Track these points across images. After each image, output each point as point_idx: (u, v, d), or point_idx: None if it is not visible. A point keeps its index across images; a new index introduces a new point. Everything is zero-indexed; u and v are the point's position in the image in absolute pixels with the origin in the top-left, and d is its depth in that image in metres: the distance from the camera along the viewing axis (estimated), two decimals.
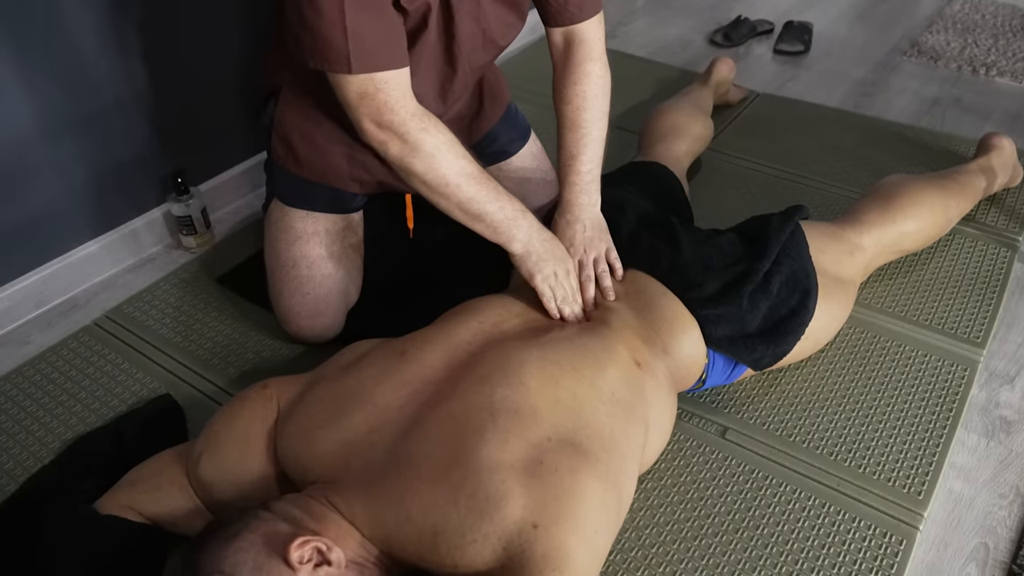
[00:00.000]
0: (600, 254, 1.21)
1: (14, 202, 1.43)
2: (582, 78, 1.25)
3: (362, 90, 1.06)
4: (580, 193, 1.24)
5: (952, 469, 1.21)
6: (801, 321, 1.21)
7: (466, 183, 1.12)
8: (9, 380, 1.38)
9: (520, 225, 1.16)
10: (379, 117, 1.08)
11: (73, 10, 1.37)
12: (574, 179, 1.24)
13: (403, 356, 1.01)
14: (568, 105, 1.26)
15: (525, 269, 1.16)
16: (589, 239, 1.21)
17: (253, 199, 1.81)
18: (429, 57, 1.18)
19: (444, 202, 1.13)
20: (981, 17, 2.62)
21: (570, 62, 1.26)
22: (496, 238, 1.16)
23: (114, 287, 1.59)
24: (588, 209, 1.24)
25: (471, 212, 1.13)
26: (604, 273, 1.20)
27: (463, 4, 1.14)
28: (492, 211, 1.13)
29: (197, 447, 1.03)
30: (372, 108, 1.07)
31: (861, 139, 1.98)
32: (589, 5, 1.24)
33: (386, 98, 1.07)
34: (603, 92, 1.27)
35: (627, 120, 2.06)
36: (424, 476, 0.86)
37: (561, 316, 1.14)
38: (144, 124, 1.57)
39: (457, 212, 1.14)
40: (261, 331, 1.46)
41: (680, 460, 1.20)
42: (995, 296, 1.49)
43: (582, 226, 1.22)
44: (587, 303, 1.18)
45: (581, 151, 1.24)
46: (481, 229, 1.15)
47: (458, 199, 1.12)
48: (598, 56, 1.27)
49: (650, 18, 2.72)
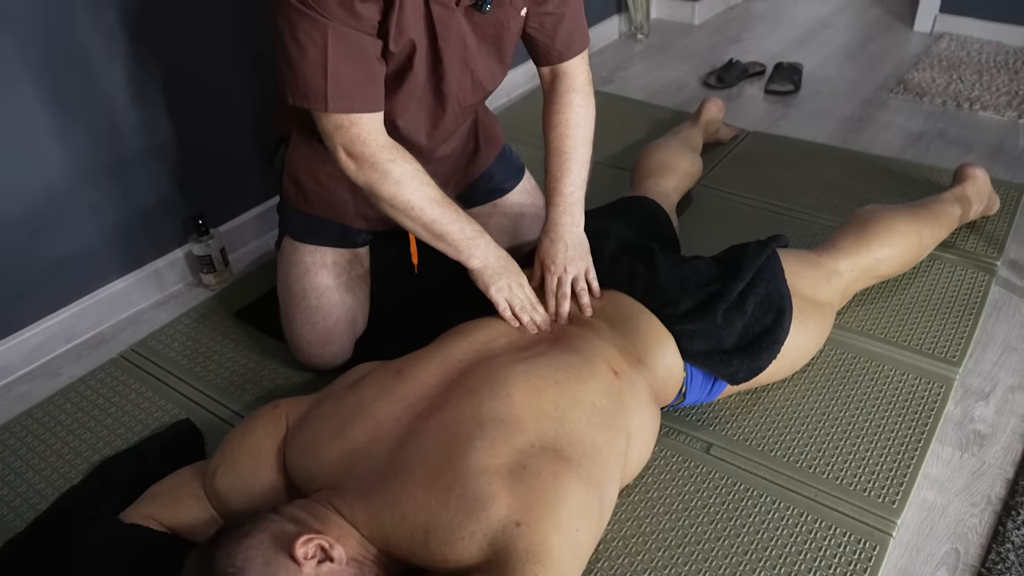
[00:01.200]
0: (579, 273, 1.30)
1: (48, 243, 1.55)
2: (565, 107, 1.35)
3: (337, 123, 1.15)
4: (563, 214, 1.33)
5: (926, 480, 1.27)
6: (776, 339, 1.28)
7: (429, 207, 1.21)
8: (41, 408, 1.48)
9: (478, 243, 1.25)
10: (351, 148, 1.17)
11: (105, 69, 1.51)
12: (557, 200, 1.34)
13: (400, 374, 1.10)
14: (552, 132, 1.36)
15: (482, 282, 1.26)
16: (570, 258, 1.30)
17: (268, 239, 1.92)
18: (418, 96, 1.27)
19: (410, 223, 1.23)
20: (966, 54, 2.72)
21: (555, 92, 1.37)
22: (457, 256, 1.26)
23: (139, 322, 1.70)
24: (571, 229, 1.33)
25: (434, 232, 1.23)
26: (583, 291, 1.29)
27: (451, 47, 1.23)
28: (453, 231, 1.23)
29: (213, 462, 1.12)
30: (346, 139, 1.16)
31: (847, 172, 2.06)
32: (574, 46, 1.35)
33: (359, 131, 1.16)
34: (585, 120, 1.37)
35: (622, 159, 2.16)
36: (418, 480, 0.95)
37: (521, 323, 1.24)
38: (168, 171, 1.70)
39: (422, 232, 1.23)
40: (274, 360, 1.55)
41: (666, 474, 1.27)
42: (972, 317, 1.56)
43: (564, 245, 1.31)
44: (560, 317, 1.27)
45: (564, 174, 1.34)
46: (444, 247, 1.25)
47: (423, 220, 1.21)
48: (580, 87, 1.37)
49: (647, 62, 2.84)
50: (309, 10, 1.07)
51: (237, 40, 1.72)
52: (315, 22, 1.08)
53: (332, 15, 1.07)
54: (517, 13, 1.26)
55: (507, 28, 1.27)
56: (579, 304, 1.28)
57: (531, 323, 1.25)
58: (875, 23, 3.07)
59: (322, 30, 1.08)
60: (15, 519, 1.27)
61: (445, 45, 1.21)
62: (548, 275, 1.31)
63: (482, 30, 1.25)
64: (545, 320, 1.26)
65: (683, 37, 3.05)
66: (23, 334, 1.57)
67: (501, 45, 1.30)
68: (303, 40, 1.09)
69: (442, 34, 1.19)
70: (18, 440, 1.41)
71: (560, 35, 1.32)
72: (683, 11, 3.16)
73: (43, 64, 1.42)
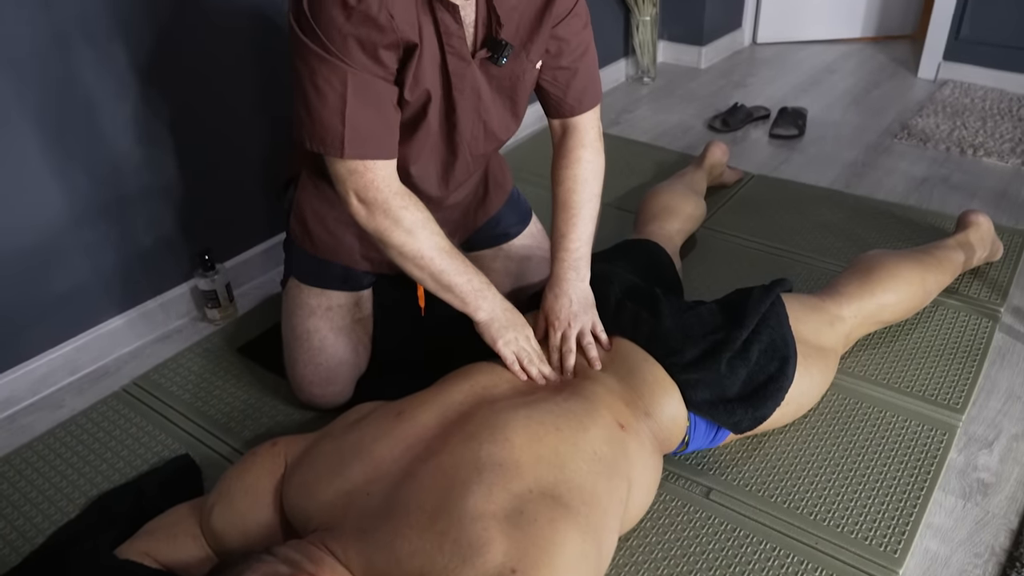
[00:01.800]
0: (585, 327, 1.29)
1: (56, 276, 1.56)
2: (574, 163, 1.35)
3: (352, 168, 1.15)
4: (568, 269, 1.33)
5: (929, 529, 1.26)
6: (780, 387, 1.28)
7: (439, 257, 1.21)
8: (42, 441, 1.48)
9: (486, 296, 1.25)
10: (363, 193, 1.17)
11: (117, 109, 1.54)
12: (563, 256, 1.33)
13: (400, 416, 1.10)
14: (560, 187, 1.36)
15: (489, 335, 1.26)
16: (575, 313, 1.30)
17: (273, 275, 1.94)
18: (431, 144, 1.28)
19: (418, 272, 1.22)
20: (970, 101, 2.75)
21: (564, 147, 1.36)
22: (463, 307, 1.25)
23: (143, 356, 1.71)
24: (576, 284, 1.32)
25: (442, 283, 1.23)
26: (590, 344, 1.27)
27: (465, 97, 1.23)
28: (461, 283, 1.23)
29: (210, 499, 1.11)
30: (359, 184, 1.16)
31: (850, 216, 2.07)
32: (587, 101, 1.34)
33: (373, 177, 1.16)
34: (594, 176, 1.36)
35: (627, 201, 2.18)
36: (413, 523, 0.94)
37: (529, 376, 1.23)
38: (175, 207, 1.72)
39: (429, 282, 1.23)
40: (275, 397, 1.55)
41: (665, 519, 1.26)
42: (975, 364, 1.55)
43: (568, 300, 1.31)
44: (566, 372, 1.26)
45: (570, 230, 1.34)
46: (450, 299, 1.25)
47: (431, 270, 1.21)
48: (590, 143, 1.36)
49: (653, 105, 2.88)
50: (331, 56, 1.07)
51: (244, 80, 1.75)
52: (335, 68, 1.08)
53: (353, 62, 1.08)
54: (532, 66, 1.26)
55: (521, 80, 1.27)
56: (587, 358, 1.26)
57: (539, 375, 1.24)
58: (879, 70, 3.10)
59: (342, 76, 1.09)
60: (11, 553, 1.26)
61: (459, 96, 1.22)
62: (552, 330, 1.30)
63: (497, 82, 1.26)
64: (552, 374, 1.25)
65: (689, 81, 3.09)
66: (27, 366, 1.58)
67: (515, 96, 1.30)
68: (322, 85, 1.10)
69: (457, 85, 1.20)
70: (17, 473, 1.41)
71: (573, 90, 1.31)
72: (689, 55, 3.21)
73: (57, 103, 1.45)
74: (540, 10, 1.20)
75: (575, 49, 1.28)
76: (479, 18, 1.17)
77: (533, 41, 1.22)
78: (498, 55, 1.18)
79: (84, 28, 1.44)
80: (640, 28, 2.96)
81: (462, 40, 1.16)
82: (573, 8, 1.24)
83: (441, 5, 1.12)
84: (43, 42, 1.40)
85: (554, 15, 1.22)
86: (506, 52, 1.18)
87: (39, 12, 1.38)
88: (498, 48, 1.18)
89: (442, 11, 1.12)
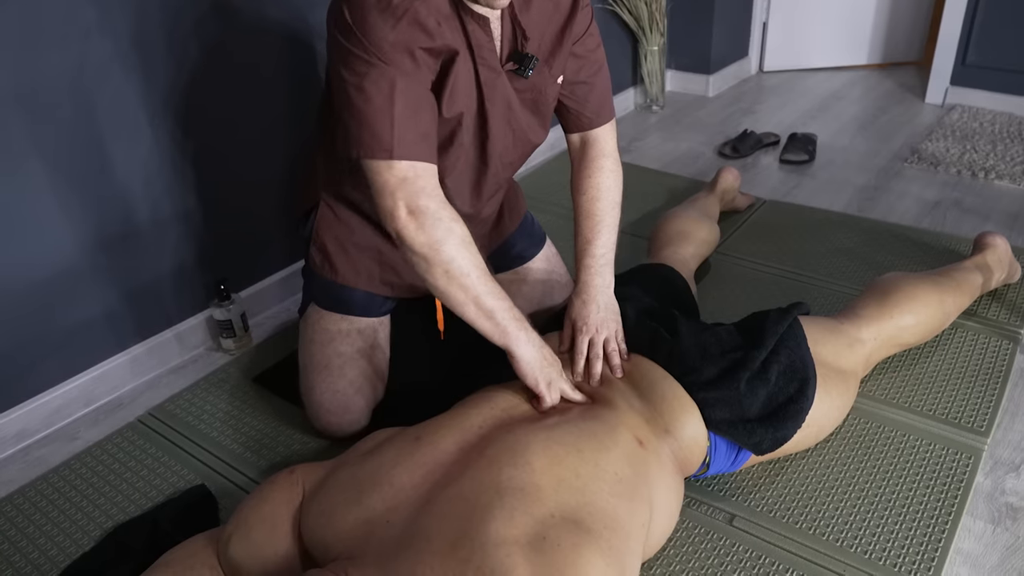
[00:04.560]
0: (611, 334, 1.30)
1: (71, 307, 1.57)
2: (595, 172, 1.39)
3: (403, 175, 1.11)
4: (595, 275, 1.34)
5: (959, 555, 1.23)
6: (800, 408, 1.26)
7: (482, 279, 1.15)
8: (57, 473, 1.47)
9: (524, 326, 1.19)
10: (415, 201, 1.11)
11: (134, 142, 1.56)
12: (589, 262, 1.35)
13: (418, 441, 1.09)
14: (583, 196, 1.38)
15: (531, 376, 1.18)
16: (602, 319, 1.30)
17: (289, 304, 1.94)
18: (465, 155, 1.30)
19: (461, 294, 1.14)
20: (979, 125, 2.75)
21: (585, 158, 1.40)
22: (503, 337, 1.17)
23: (158, 386, 1.71)
24: (603, 290, 1.33)
25: (484, 307, 1.15)
26: (613, 352, 1.28)
27: (496, 107, 1.26)
28: (503, 309, 1.16)
29: (227, 529, 1.10)
30: (410, 192, 1.11)
31: (864, 240, 2.07)
32: (603, 114, 1.39)
33: (424, 184, 1.12)
34: (615, 184, 1.40)
35: (640, 227, 2.18)
36: (435, 550, 0.92)
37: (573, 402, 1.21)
38: (191, 237, 1.73)
39: (471, 307, 1.15)
40: (292, 427, 1.54)
41: (688, 546, 1.24)
42: (998, 387, 1.53)
43: (596, 306, 1.31)
44: (593, 379, 1.26)
45: (595, 236, 1.36)
46: (486, 326, 1.16)
47: (475, 292, 1.13)
48: (610, 152, 1.41)
49: (663, 133, 2.90)
50: (373, 58, 1.08)
51: (258, 114, 1.77)
52: (382, 71, 1.08)
53: (393, 62, 1.08)
54: (554, 80, 1.31)
55: (543, 93, 1.31)
56: (610, 365, 1.27)
57: (583, 398, 1.21)
58: (887, 95, 3.12)
59: (391, 79, 1.08)
60: None
61: (491, 107, 1.25)
62: (580, 336, 1.30)
63: (521, 95, 1.29)
64: (583, 398, 1.22)
65: (697, 109, 3.10)
66: (42, 397, 1.57)
67: (539, 109, 1.34)
68: (370, 89, 1.09)
69: (489, 96, 1.24)
70: (32, 505, 1.40)
71: (591, 103, 1.37)
72: (697, 84, 3.23)
73: (73, 138, 1.47)
74: (561, 27, 1.25)
75: (591, 65, 1.34)
76: (505, 32, 1.21)
77: (555, 56, 1.27)
78: (524, 67, 1.22)
79: (101, 66, 1.47)
80: (648, 57, 2.99)
81: (492, 52, 1.20)
82: (588, 28, 1.30)
83: (472, 19, 1.15)
84: (61, 78, 1.42)
85: (574, 33, 1.27)
86: (532, 64, 1.22)
87: (63, 50, 1.40)
88: (524, 61, 1.22)
89: (472, 24, 1.16)
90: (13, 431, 1.54)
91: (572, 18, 1.26)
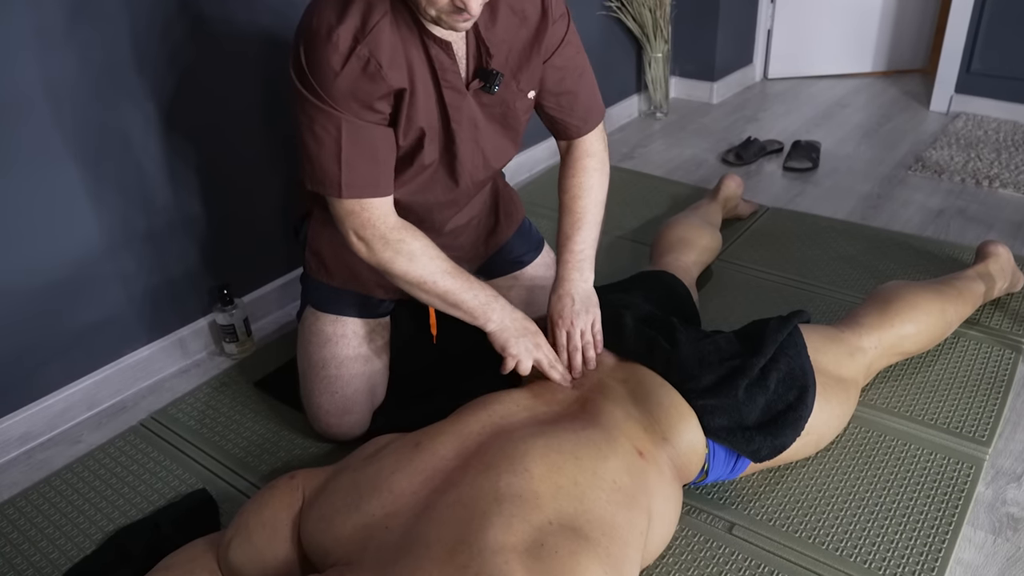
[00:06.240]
0: (586, 326, 1.33)
1: (75, 312, 1.58)
2: (579, 171, 1.41)
3: (349, 208, 1.21)
4: (572, 270, 1.36)
5: (959, 566, 1.23)
6: (799, 416, 1.26)
7: (442, 279, 1.26)
8: (59, 476, 1.48)
9: (493, 307, 1.29)
10: (361, 231, 1.23)
11: (143, 151, 1.57)
12: (567, 257, 1.37)
13: (418, 447, 1.10)
14: (566, 194, 1.41)
15: (499, 344, 1.29)
16: (577, 312, 1.33)
17: (290, 309, 1.94)
18: (431, 173, 1.32)
19: (425, 296, 1.27)
20: (984, 133, 2.75)
21: (570, 158, 1.43)
22: (474, 321, 1.29)
23: (161, 390, 1.72)
24: (579, 284, 1.36)
25: (449, 302, 1.27)
26: (588, 344, 1.32)
27: (463, 128, 1.28)
28: (468, 299, 1.27)
29: (228, 533, 1.10)
30: (356, 223, 1.22)
31: (867, 248, 2.07)
32: (592, 119, 1.41)
33: (369, 216, 1.22)
34: (599, 184, 1.42)
35: (642, 233, 2.18)
36: (433, 557, 0.93)
37: (550, 379, 1.27)
38: (195, 243, 1.74)
39: (438, 303, 1.28)
40: (292, 431, 1.55)
41: (687, 555, 1.24)
42: (1000, 396, 1.53)
43: (571, 300, 1.34)
44: (575, 369, 1.30)
45: (575, 232, 1.38)
46: (460, 315, 1.29)
47: (437, 292, 1.26)
48: (595, 152, 1.42)
49: (666, 140, 2.90)
50: (325, 105, 1.14)
51: (265, 125, 1.78)
52: (330, 116, 1.15)
53: (347, 110, 1.15)
54: (523, 95, 1.32)
55: (512, 108, 1.32)
56: (584, 357, 1.31)
57: (561, 378, 1.29)
58: (891, 103, 3.12)
59: (337, 123, 1.15)
60: None
61: (458, 127, 1.27)
62: (558, 330, 1.34)
63: (489, 110, 1.30)
64: (568, 374, 1.30)
65: (701, 116, 3.11)
66: (45, 401, 1.58)
67: (508, 123, 1.35)
68: (320, 133, 1.16)
69: (454, 116, 1.26)
70: (35, 508, 1.41)
71: (577, 112, 1.38)
72: (701, 91, 3.24)
73: (85, 145, 1.48)
74: (529, 43, 1.27)
75: (573, 72, 1.35)
76: (470, 51, 1.23)
77: (523, 71, 1.28)
78: (490, 84, 1.24)
79: (114, 79, 1.48)
80: (652, 64, 2.99)
81: (456, 74, 1.22)
82: (564, 37, 1.30)
83: (434, 43, 1.18)
84: (74, 94, 1.43)
85: (545, 47, 1.28)
86: (497, 80, 1.24)
87: (74, 62, 1.41)
88: (489, 77, 1.24)
89: (435, 48, 1.18)
90: (17, 434, 1.55)
91: (542, 32, 1.26)
